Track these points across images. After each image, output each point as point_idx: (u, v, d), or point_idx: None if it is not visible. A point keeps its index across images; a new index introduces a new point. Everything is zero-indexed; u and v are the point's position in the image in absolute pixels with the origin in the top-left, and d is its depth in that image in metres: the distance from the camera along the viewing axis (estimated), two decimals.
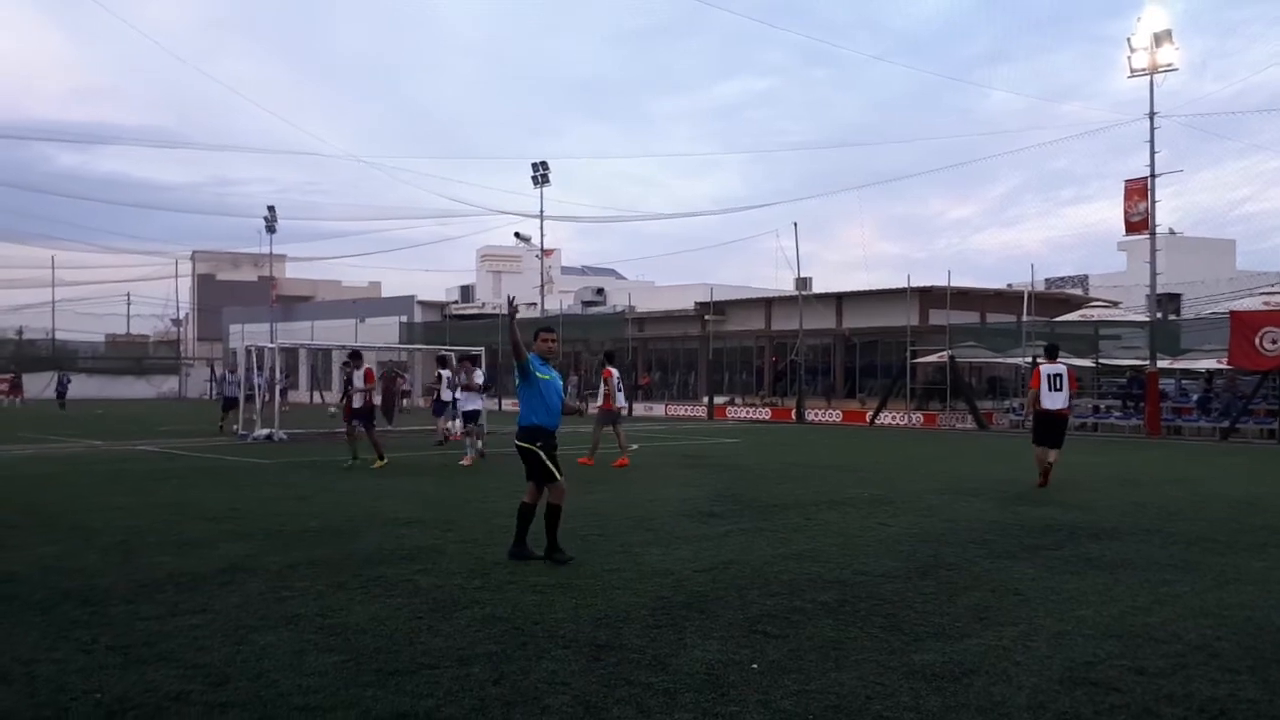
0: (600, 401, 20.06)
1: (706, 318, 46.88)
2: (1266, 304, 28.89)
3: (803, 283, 44.53)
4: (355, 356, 18.38)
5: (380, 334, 56.74)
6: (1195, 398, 31.66)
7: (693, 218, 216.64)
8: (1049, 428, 14.98)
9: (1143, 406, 30.73)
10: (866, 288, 43.38)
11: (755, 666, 5.64)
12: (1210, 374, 31.61)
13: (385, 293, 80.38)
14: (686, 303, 50.21)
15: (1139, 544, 9.87)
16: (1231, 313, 28.88)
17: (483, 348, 28.94)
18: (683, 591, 7.53)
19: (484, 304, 63.58)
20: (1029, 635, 6.33)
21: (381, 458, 17.63)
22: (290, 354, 54.94)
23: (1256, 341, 27.25)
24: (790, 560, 8.80)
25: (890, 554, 9.18)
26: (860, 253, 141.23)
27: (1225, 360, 28.64)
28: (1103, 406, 33.81)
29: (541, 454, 8.63)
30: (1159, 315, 32.88)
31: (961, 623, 6.68)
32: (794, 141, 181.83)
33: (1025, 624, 6.62)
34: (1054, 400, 14.97)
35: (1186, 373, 32.99)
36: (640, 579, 7.95)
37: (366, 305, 67.99)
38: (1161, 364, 31.00)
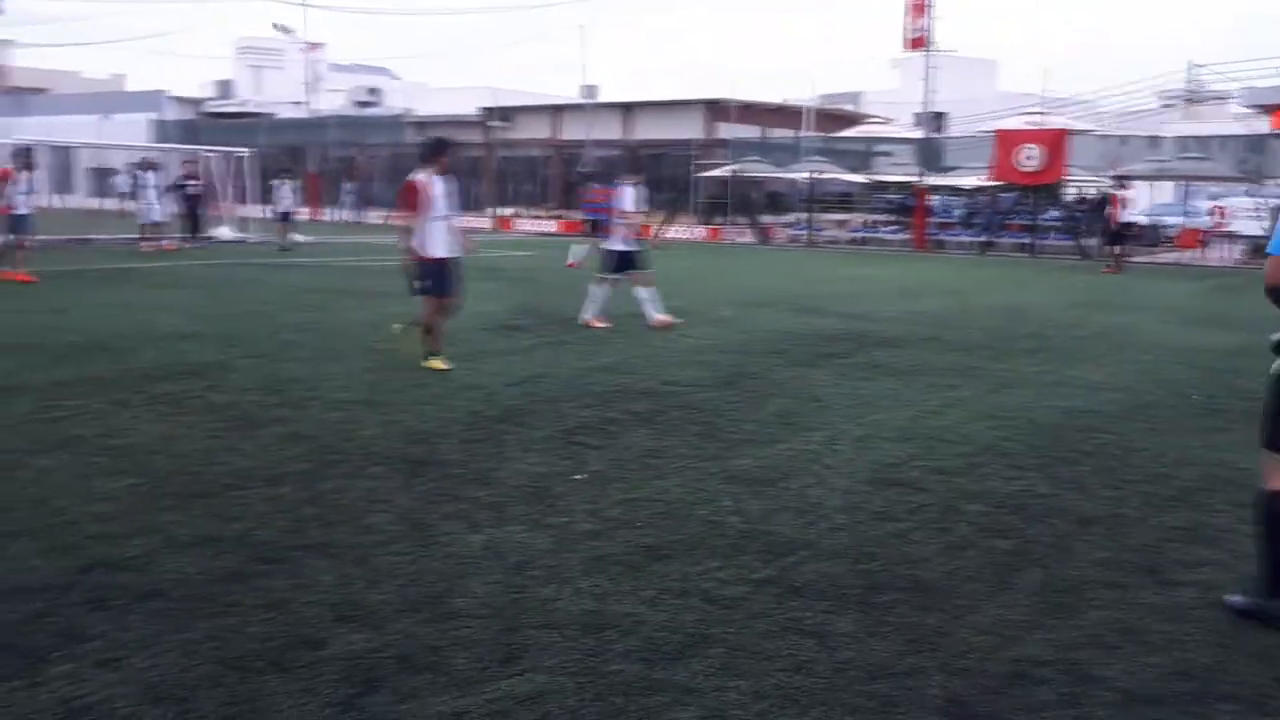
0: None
1: (492, 124, 45.29)
2: (1028, 124, 30.50)
3: (590, 90, 43.54)
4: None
5: (128, 133, 51.83)
6: (958, 213, 33.50)
7: (468, 15, 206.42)
8: None
9: (911, 221, 32.31)
10: (654, 98, 42.88)
11: (580, 477, 5.61)
12: (974, 191, 33.41)
13: (130, 86, 73.07)
14: (468, 107, 48.15)
15: (921, 351, 10.42)
16: (997, 131, 30.38)
17: (247, 150, 27.01)
18: (495, 405, 7.38)
19: (245, 101, 59.00)
20: (834, 440, 6.58)
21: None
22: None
23: (1014, 159, 28.88)
24: (599, 372, 8.79)
25: (694, 365, 9.31)
26: (644, 63, 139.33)
27: (987, 177, 30.24)
28: (873, 221, 35.35)
29: None
30: (928, 133, 34.24)
31: (771, 429, 6.87)
32: None
33: (829, 429, 6.88)
34: None
35: (952, 189, 34.74)
36: (449, 394, 7.73)
37: (110, 100, 61.50)
38: (928, 180, 32.49)
